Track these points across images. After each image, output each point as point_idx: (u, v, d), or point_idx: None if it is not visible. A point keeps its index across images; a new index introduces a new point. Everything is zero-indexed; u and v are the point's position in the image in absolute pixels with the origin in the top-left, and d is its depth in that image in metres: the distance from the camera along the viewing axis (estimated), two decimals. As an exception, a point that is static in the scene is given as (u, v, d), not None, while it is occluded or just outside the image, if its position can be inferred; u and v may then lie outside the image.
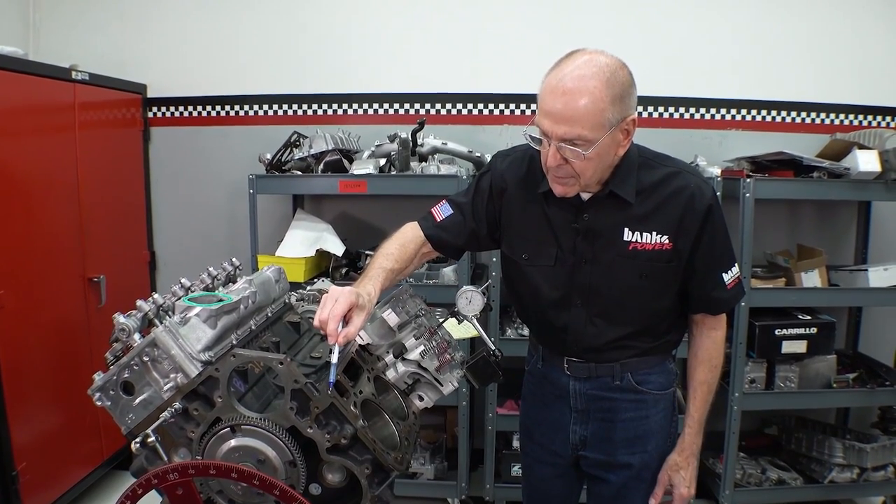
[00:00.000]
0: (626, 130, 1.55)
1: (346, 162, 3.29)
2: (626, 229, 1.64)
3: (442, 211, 1.90)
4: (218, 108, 3.77)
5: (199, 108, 3.79)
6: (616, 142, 1.54)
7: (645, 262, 1.64)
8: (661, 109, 3.57)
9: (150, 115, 3.81)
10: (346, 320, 1.47)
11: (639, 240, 1.64)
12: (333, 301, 1.46)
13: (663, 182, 1.64)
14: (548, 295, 1.76)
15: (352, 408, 1.45)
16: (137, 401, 1.45)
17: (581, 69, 1.46)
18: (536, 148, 1.61)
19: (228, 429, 1.43)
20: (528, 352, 2.01)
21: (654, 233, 1.63)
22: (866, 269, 3.21)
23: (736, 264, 1.73)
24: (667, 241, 1.63)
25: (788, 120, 3.56)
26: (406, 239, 1.88)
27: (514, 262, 1.82)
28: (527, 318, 1.95)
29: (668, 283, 1.68)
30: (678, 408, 1.89)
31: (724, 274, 1.69)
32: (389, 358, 1.64)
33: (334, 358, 1.40)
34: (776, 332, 3.09)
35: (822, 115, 3.56)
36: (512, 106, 3.59)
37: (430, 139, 3.31)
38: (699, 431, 1.78)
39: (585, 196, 1.67)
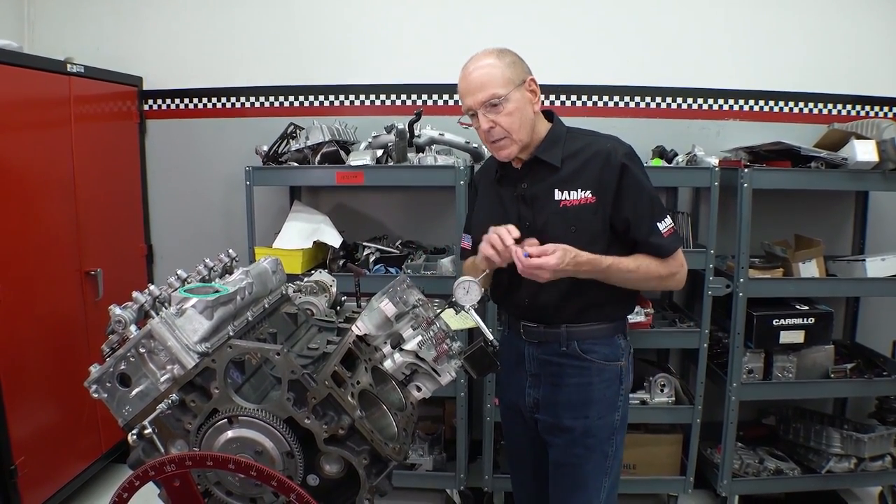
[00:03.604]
0: (532, 90, 1.90)
1: (342, 153, 3.28)
2: (557, 190, 1.90)
3: (464, 239, 2.21)
4: (214, 100, 3.75)
5: (195, 100, 3.77)
6: (527, 99, 1.89)
7: (573, 216, 1.88)
8: (658, 99, 3.56)
9: (146, 107, 3.80)
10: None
11: (567, 197, 1.89)
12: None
13: (585, 148, 1.92)
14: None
15: (349, 398, 1.45)
16: (134, 392, 1.45)
17: (476, 59, 1.89)
18: (470, 125, 1.92)
19: (225, 420, 1.43)
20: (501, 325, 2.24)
21: (580, 190, 1.88)
22: (864, 260, 3.21)
23: (668, 217, 1.94)
24: (590, 196, 1.88)
25: (786, 110, 3.56)
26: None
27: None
28: (495, 290, 2.11)
29: (595, 232, 1.89)
30: (624, 382, 2.02)
31: (658, 223, 1.90)
32: (387, 349, 1.63)
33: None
34: (774, 322, 3.09)
35: (820, 105, 3.56)
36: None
37: (427, 130, 3.30)
38: (595, 262, 1.83)
39: (518, 165, 1.97)
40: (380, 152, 3.23)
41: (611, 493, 2.03)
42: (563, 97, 3.56)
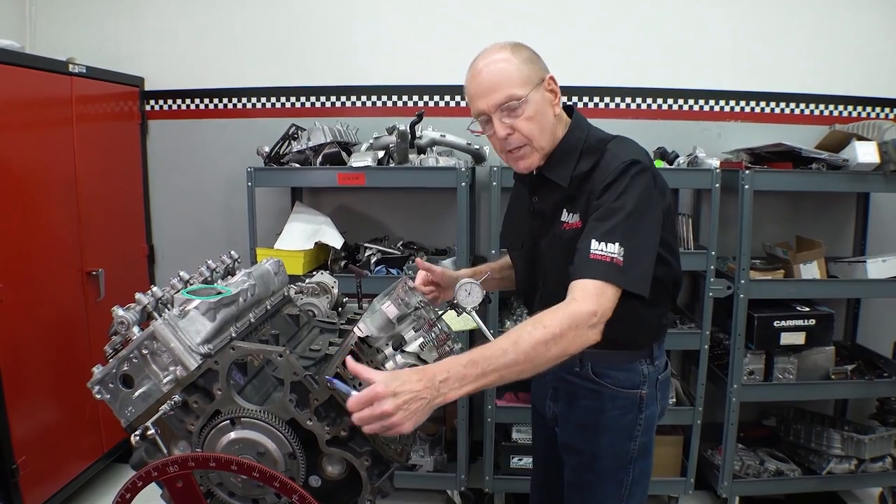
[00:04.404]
0: (552, 90, 1.69)
1: (344, 154, 3.28)
2: (565, 210, 1.71)
3: None
4: (215, 100, 3.76)
5: (197, 100, 3.78)
6: (546, 100, 1.68)
7: (568, 241, 1.66)
8: (659, 101, 3.56)
9: (148, 108, 3.81)
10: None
11: (568, 219, 1.69)
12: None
13: (596, 164, 1.67)
14: (522, 276, 1.90)
15: (351, 400, 1.45)
16: (137, 394, 1.45)
17: (487, 54, 1.67)
18: (482, 133, 1.72)
19: (228, 421, 1.43)
20: None
21: (575, 213, 1.68)
22: (865, 261, 3.21)
23: (618, 245, 1.52)
24: (578, 220, 1.67)
25: (787, 111, 3.56)
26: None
27: (509, 253, 1.99)
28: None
29: None
30: (645, 411, 1.80)
31: (594, 241, 1.53)
32: (389, 350, 1.63)
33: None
34: (775, 323, 3.10)
35: (821, 107, 3.56)
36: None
37: (428, 131, 3.30)
38: (466, 367, 1.36)
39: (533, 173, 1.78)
40: (381, 154, 3.23)
41: None
42: (563, 99, 3.54)
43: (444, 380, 1.33)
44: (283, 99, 3.72)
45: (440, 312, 1.70)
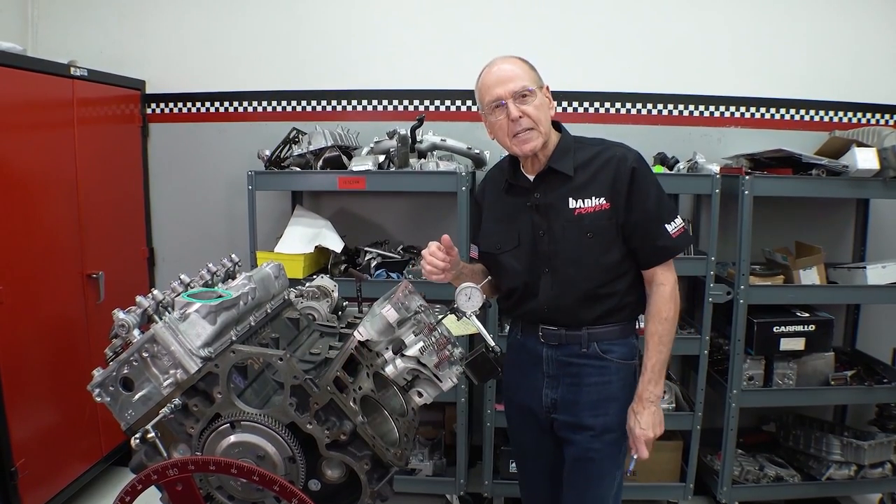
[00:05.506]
0: (548, 97, 1.96)
1: (345, 158, 3.29)
2: (570, 198, 1.94)
3: (473, 249, 2.22)
4: (217, 104, 3.77)
5: (198, 104, 3.78)
6: (546, 103, 1.95)
7: (589, 223, 1.92)
8: (659, 106, 3.57)
9: (149, 111, 3.81)
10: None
11: (581, 205, 1.93)
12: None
13: (596, 157, 1.96)
14: (520, 271, 2.02)
15: (351, 404, 1.46)
16: (137, 397, 1.46)
17: (501, 59, 1.95)
18: (498, 119, 1.91)
19: (228, 425, 1.44)
20: (509, 328, 2.24)
21: (594, 197, 1.93)
22: (864, 267, 3.21)
23: (678, 217, 1.98)
24: (604, 202, 1.92)
25: (787, 117, 3.57)
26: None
27: (491, 256, 2.09)
28: (508, 298, 2.13)
29: (611, 237, 1.93)
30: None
31: (666, 225, 1.94)
32: (389, 354, 1.64)
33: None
34: (774, 329, 3.09)
35: (821, 113, 3.56)
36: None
37: (429, 136, 3.31)
38: (652, 380, 1.94)
39: (532, 177, 2.01)
40: (382, 158, 3.23)
41: (620, 484, 2.09)
42: (564, 104, 3.56)
43: (655, 393, 1.94)
44: (283, 102, 3.72)
45: (440, 317, 1.70)
